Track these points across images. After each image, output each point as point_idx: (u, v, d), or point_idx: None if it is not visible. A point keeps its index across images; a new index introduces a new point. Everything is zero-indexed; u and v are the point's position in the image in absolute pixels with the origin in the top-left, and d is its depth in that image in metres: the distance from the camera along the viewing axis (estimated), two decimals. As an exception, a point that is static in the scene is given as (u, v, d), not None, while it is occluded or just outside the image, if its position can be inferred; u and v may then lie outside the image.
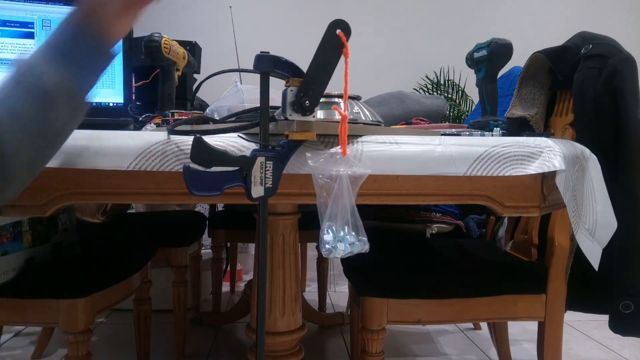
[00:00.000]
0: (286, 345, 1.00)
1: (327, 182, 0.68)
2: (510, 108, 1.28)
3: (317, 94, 0.69)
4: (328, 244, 0.67)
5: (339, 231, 0.67)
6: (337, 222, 0.67)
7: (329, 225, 0.67)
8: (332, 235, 0.67)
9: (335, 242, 0.67)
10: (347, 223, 0.68)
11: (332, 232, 0.67)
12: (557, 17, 3.33)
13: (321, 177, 0.69)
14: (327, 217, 0.67)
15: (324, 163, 0.70)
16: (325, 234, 0.67)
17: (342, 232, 0.67)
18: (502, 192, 0.84)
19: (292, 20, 3.24)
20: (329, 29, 0.68)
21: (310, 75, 0.69)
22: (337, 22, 0.69)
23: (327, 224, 0.67)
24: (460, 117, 3.17)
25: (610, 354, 1.89)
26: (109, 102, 1.01)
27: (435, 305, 1.12)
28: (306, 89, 0.69)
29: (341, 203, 0.68)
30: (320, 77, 0.69)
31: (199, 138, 0.66)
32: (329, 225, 0.67)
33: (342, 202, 0.68)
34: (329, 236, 0.67)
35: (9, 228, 1.05)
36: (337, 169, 0.69)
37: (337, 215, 0.67)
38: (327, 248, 0.67)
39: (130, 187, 0.77)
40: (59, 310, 1.05)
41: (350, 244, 0.68)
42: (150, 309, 1.60)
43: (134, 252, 1.41)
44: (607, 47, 1.10)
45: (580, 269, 1.13)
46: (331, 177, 0.69)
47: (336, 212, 0.67)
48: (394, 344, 1.96)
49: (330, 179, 0.69)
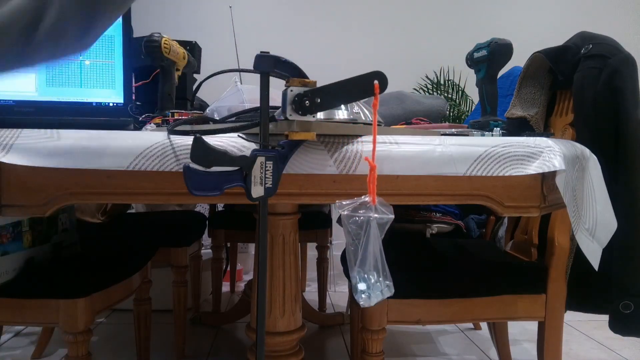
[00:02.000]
0: (286, 345, 1.00)
1: (355, 229, 0.70)
2: (510, 108, 1.28)
3: (321, 106, 0.70)
4: (364, 294, 0.70)
5: (370, 278, 0.70)
6: (366, 269, 0.70)
7: (359, 272, 0.69)
8: (366, 284, 0.69)
9: (369, 290, 0.70)
10: (377, 269, 0.70)
11: (365, 281, 0.69)
12: (557, 17, 3.33)
13: (351, 222, 0.71)
14: (357, 264, 0.70)
15: (354, 209, 0.72)
16: (358, 283, 0.69)
17: (372, 279, 0.70)
18: (502, 192, 0.84)
19: (292, 20, 3.24)
20: (370, 75, 0.70)
21: (327, 89, 0.70)
22: (379, 73, 0.71)
23: (357, 271, 0.69)
24: (460, 117, 3.17)
25: (610, 354, 1.89)
26: (109, 102, 1.01)
27: (435, 305, 1.12)
28: (314, 95, 0.69)
29: (370, 249, 0.70)
30: (334, 97, 0.72)
31: (199, 138, 0.66)
32: (359, 272, 0.69)
33: (370, 248, 0.70)
34: (363, 285, 0.69)
35: (9, 228, 1.05)
36: (366, 215, 0.71)
37: (367, 261, 0.70)
38: (364, 297, 0.70)
39: (130, 187, 0.77)
40: (59, 310, 1.05)
41: (381, 291, 0.71)
42: (150, 309, 1.60)
43: (134, 252, 1.41)
44: (607, 47, 1.10)
45: (580, 269, 1.13)
46: (360, 223, 0.71)
47: (365, 258, 0.70)
48: (394, 344, 1.96)
49: (358, 226, 0.71)
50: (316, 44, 3.21)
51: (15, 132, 0.73)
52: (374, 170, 0.71)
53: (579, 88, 1.12)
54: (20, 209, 0.77)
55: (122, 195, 0.78)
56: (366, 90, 0.71)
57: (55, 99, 0.97)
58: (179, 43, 1.23)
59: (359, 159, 0.78)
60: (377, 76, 0.71)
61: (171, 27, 3.10)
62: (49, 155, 0.72)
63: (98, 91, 1.00)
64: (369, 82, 0.70)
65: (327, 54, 3.19)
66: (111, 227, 1.67)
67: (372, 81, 0.70)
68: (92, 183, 0.76)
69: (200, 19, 3.18)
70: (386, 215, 0.71)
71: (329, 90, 0.70)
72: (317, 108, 0.70)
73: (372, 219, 0.70)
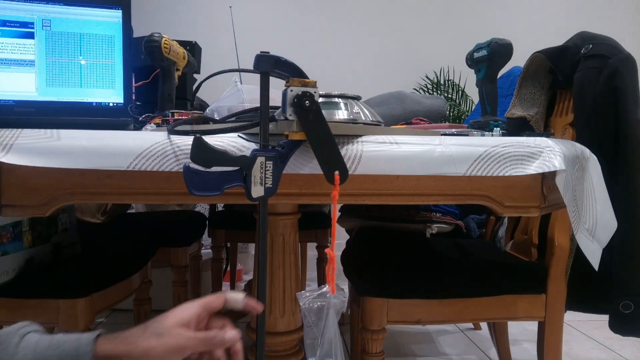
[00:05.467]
0: (286, 345, 1.00)
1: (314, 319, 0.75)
2: (510, 108, 1.28)
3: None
4: None
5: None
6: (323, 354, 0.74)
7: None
8: None
9: None
10: (334, 354, 0.74)
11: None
12: (557, 17, 3.33)
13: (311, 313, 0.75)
14: (318, 356, 0.74)
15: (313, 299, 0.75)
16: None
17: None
18: (502, 192, 0.84)
19: (292, 20, 3.24)
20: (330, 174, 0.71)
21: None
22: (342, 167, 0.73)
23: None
24: (460, 117, 3.17)
25: (610, 354, 1.89)
26: (109, 102, 1.01)
27: (435, 305, 1.12)
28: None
29: (327, 336, 0.74)
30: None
31: (199, 138, 0.66)
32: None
33: (327, 335, 0.74)
34: None
35: (9, 228, 1.05)
36: (324, 303, 0.74)
37: (324, 347, 0.74)
38: None
39: (130, 187, 0.77)
40: (59, 310, 1.05)
41: None
42: (150, 309, 1.60)
43: (134, 252, 1.41)
44: (607, 47, 1.10)
45: (580, 269, 1.13)
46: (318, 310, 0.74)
47: (324, 344, 0.74)
48: (394, 344, 1.96)
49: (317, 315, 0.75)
50: (316, 44, 3.21)
51: (15, 132, 0.73)
52: (333, 260, 0.71)
53: (579, 88, 1.12)
54: (20, 209, 0.77)
55: (122, 195, 0.78)
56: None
57: (55, 99, 0.97)
58: (179, 43, 1.23)
59: (359, 159, 0.78)
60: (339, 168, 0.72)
61: (171, 27, 3.10)
62: (49, 155, 0.72)
63: (98, 91, 1.00)
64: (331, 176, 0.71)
65: (327, 54, 3.19)
66: (111, 227, 1.67)
67: (333, 173, 0.71)
68: (92, 183, 0.76)
69: (200, 19, 3.18)
70: (342, 299, 0.75)
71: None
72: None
73: (330, 306, 0.73)
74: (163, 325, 0.60)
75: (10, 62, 0.95)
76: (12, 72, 0.95)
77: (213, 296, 0.66)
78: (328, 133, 0.71)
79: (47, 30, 0.96)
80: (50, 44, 0.96)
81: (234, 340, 0.63)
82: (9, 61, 0.95)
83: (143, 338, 0.58)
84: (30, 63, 0.96)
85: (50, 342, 0.57)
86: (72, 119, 0.92)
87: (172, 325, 0.60)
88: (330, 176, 0.70)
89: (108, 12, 1.00)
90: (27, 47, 0.95)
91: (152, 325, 0.60)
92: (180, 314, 0.61)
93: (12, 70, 0.95)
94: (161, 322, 0.60)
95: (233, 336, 0.63)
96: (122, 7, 1.00)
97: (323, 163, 0.71)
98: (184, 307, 0.63)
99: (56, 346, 0.57)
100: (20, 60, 0.95)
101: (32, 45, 0.96)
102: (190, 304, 0.63)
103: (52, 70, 0.97)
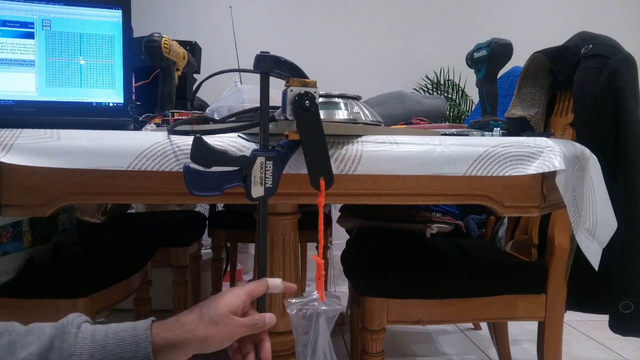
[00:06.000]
0: (286, 345, 1.00)
1: (304, 327, 0.75)
2: (510, 108, 1.28)
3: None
4: None
5: None
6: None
7: None
8: None
9: None
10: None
11: None
12: (557, 17, 3.33)
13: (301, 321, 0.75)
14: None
15: (303, 305, 0.75)
16: None
17: None
18: (502, 192, 0.84)
19: (292, 20, 3.24)
20: (315, 180, 0.71)
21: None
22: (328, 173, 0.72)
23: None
24: (460, 117, 3.17)
25: (610, 354, 1.89)
26: (109, 102, 1.01)
27: (435, 305, 1.12)
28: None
29: (319, 344, 0.75)
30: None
31: (199, 138, 0.66)
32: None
33: (320, 343, 0.75)
34: None
35: (9, 228, 1.05)
36: (314, 309, 0.74)
37: (316, 356, 0.75)
38: None
39: (130, 187, 0.77)
40: (59, 310, 1.05)
41: None
42: (150, 309, 1.60)
43: (134, 252, 1.41)
44: (607, 47, 1.10)
45: (580, 269, 1.13)
46: (309, 317, 0.74)
47: (315, 352, 0.75)
48: (394, 344, 1.96)
49: (307, 321, 0.75)
50: (316, 43, 3.21)
51: (15, 132, 0.73)
52: (322, 266, 0.71)
53: (579, 88, 1.12)
54: (20, 209, 0.77)
55: (122, 195, 0.78)
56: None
57: (55, 99, 0.97)
58: (179, 43, 1.23)
59: (359, 159, 0.78)
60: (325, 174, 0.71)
61: (171, 27, 3.10)
62: (49, 155, 0.72)
63: (98, 91, 1.00)
64: (316, 178, 0.71)
65: (328, 54, 3.19)
66: (111, 227, 1.67)
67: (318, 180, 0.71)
68: (92, 183, 0.76)
69: (200, 19, 3.18)
70: (335, 307, 0.74)
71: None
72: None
73: (320, 313, 0.73)
74: (217, 312, 0.63)
75: (10, 62, 0.95)
76: (12, 72, 0.95)
77: (256, 283, 0.69)
78: (321, 137, 0.71)
79: (47, 30, 0.96)
80: (50, 44, 0.96)
81: (273, 323, 0.68)
82: (9, 61, 0.95)
83: (200, 327, 0.61)
84: (30, 63, 0.96)
85: (106, 332, 0.59)
86: (72, 119, 0.92)
87: (225, 313, 0.63)
88: (316, 181, 0.70)
89: (108, 12, 1.00)
90: (27, 47, 0.95)
91: (207, 312, 0.63)
92: (231, 302, 0.64)
93: (12, 70, 0.95)
94: (215, 309, 0.63)
95: (273, 319, 0.68)
96: (122, 7, 1.00)
97: (310, 167, 0.71)
98: (233, 295, 0.65)
99: (113, 335, 0.59)
100: (20, 60, 0.95)
101: (32, 45, 0.96)
102: (238, 291, 0.66)
103: (52, 70, 0.97)
